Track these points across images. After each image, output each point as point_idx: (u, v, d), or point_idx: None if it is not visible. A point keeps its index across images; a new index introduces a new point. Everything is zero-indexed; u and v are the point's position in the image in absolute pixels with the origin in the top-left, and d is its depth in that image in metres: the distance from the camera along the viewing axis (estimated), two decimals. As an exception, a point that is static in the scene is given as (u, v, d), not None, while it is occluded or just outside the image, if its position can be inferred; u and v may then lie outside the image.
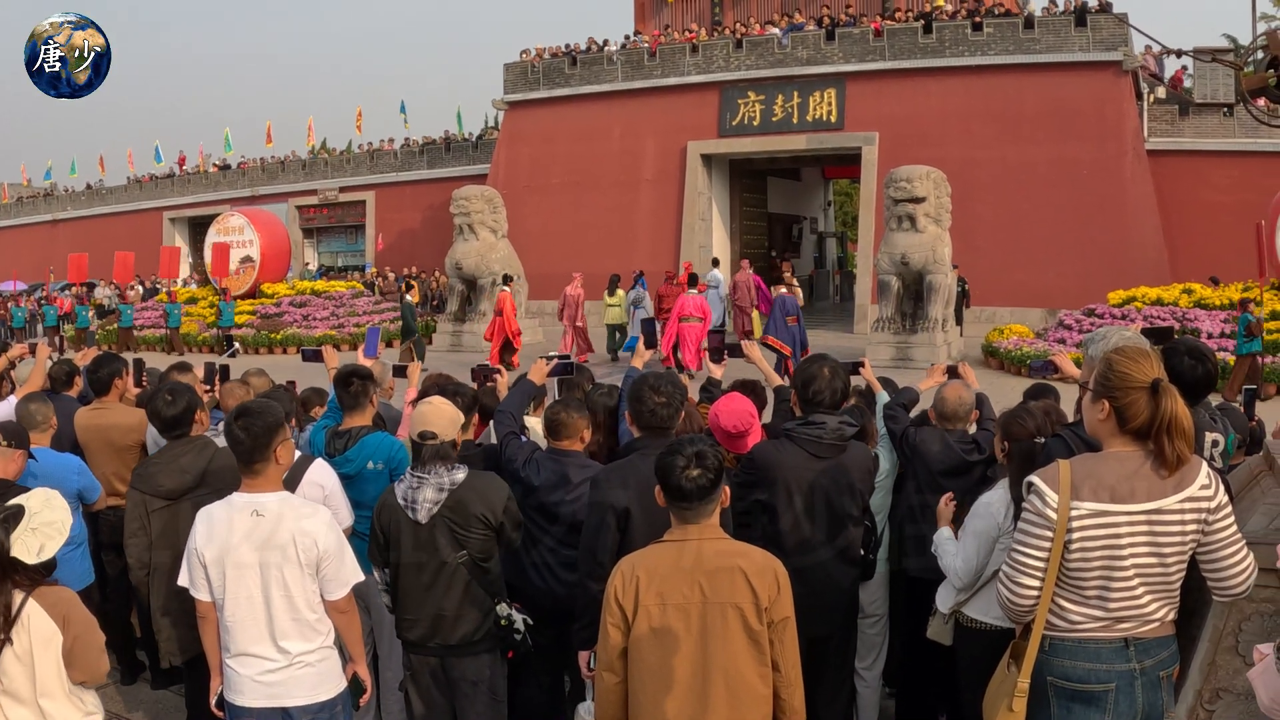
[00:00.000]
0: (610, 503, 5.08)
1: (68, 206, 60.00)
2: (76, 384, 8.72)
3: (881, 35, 35.13)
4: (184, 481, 5.79)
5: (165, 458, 5.91)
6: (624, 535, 5.02)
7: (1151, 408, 3.74)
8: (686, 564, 4.08)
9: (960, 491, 6.09)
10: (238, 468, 4.88)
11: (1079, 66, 32.44)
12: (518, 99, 40.76)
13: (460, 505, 5.24)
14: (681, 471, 4.08)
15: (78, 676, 4.29)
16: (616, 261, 32.98)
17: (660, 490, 4.20)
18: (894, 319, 25.45)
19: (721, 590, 4.05)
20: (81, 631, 4.29)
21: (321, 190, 50.17)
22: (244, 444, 4.75)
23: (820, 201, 50.39)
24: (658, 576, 4.08)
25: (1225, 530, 3.80)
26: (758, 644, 4.07)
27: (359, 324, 32.58)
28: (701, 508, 4.13)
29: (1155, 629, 3.87)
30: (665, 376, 5.52)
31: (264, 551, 4.71)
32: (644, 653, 4.08)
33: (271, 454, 4.80)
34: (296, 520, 4.72)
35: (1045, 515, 3.77)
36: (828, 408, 5.69)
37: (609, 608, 4.13)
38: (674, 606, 4.05)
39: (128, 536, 5.85)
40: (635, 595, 4.07)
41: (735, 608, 4.04)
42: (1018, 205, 32.17)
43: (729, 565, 4.08)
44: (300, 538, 4.68)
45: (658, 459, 4.22)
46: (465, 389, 6.89)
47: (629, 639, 4.11)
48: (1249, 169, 31.73)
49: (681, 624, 4.05)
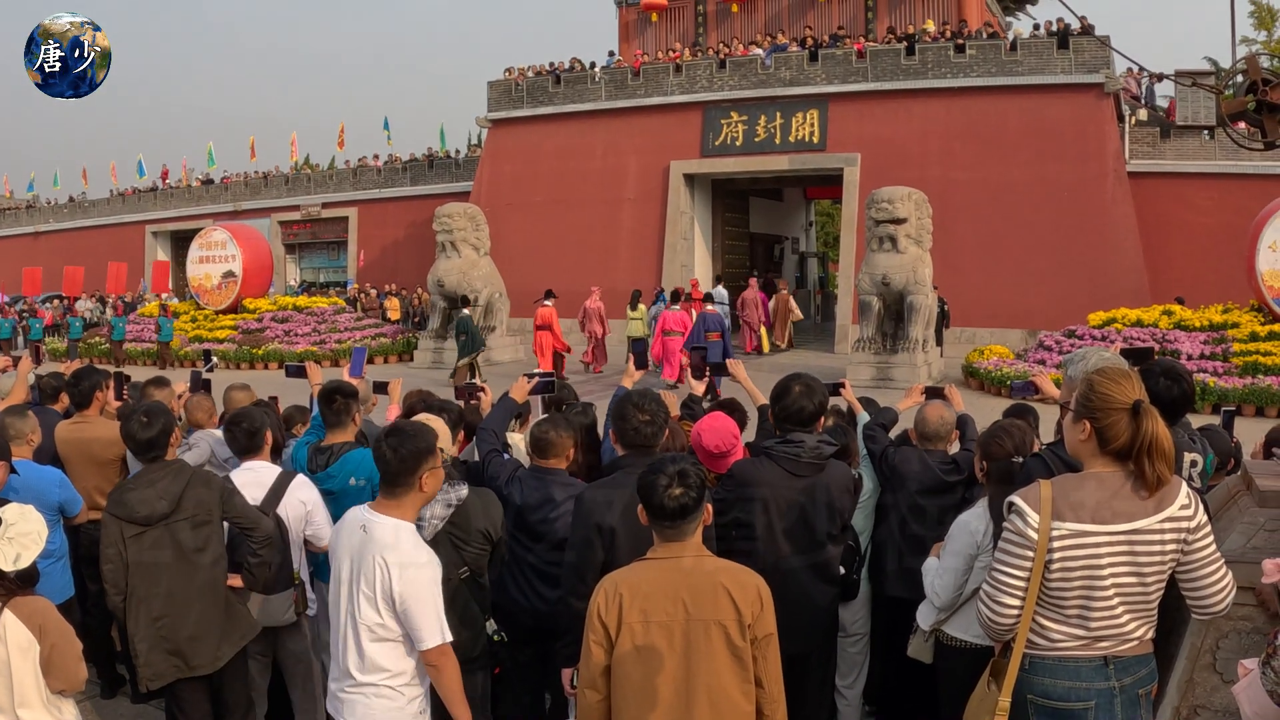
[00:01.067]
0: (596, 521, 5.08)
1: (50, 219, 59.79)
2: (62, 398, 8.71)
3: (864, 57, 35.25)
4: (159, 508, 5.70)
5: (140, 482, 5.79)
6: (609, 554, 5.01)
7: (1132, 429, 3.77)
8: (670, 581, 4.08)
9: (940, 511, 6.13)
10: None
11: (1061, 88, 32.59)
12: (501, 117, 40.79)
13: (464, 520, 5.25)
14: (664, 490, 4.07)
15: (56, 685, 4.29)
16: (598, 280, 33.01)
17: (643, 509, 4.20)
18: (875, 339, 25.51)
19: (705, 607, 4.05)
20: (58, 640, 4.30)
21: (304, 206, 50.10)
22: (390, 465, 4.60)
23: (802, 222, 50.45)
24: (641, 594, 4.08)
25: (1205, 550, 3.83)
26: (741, 660, 4.07)
27: (340, 340, 32.56)
28: (684, 526, 4.13)
29: (1134, 647, 3.90)
30: (649, 395, 5.54)
31: (354, 568, 4.61)
32: (627, 670, 4.07)
33: (417, 480, 4.63)
34: (391, 550, 4.52)
35: (1026, 535, 3.80)
36: (800, 424, 5.72)
37: (592, 625, 4.12)
38: (657, 624, 4.05)
39: (103, 561, 5.71)
40: (619, 613, 4.06)
41: (719, 625, 4.04)
42: (999, 226, 32.28)
43: (712, 582, 4.08)
44: (381, 568, 4.50)
45: (640, 478, 4.22)
46: (451, 405, 6.91)
47: (612, 656, 4.10)
48: (1230, 191, 31.89)
49: (665, 641, 4.04)
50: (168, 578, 5.71)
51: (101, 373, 8.20)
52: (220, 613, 5.87)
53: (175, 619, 5.72)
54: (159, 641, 5.71)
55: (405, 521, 4.63)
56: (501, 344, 31.40)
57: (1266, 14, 48.70)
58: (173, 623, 5.72)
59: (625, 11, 43.86)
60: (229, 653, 5.90)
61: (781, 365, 26.65)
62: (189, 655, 5.76)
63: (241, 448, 6.45)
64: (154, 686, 5.80)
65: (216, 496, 5.82)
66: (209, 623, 5.80)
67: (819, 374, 6.34)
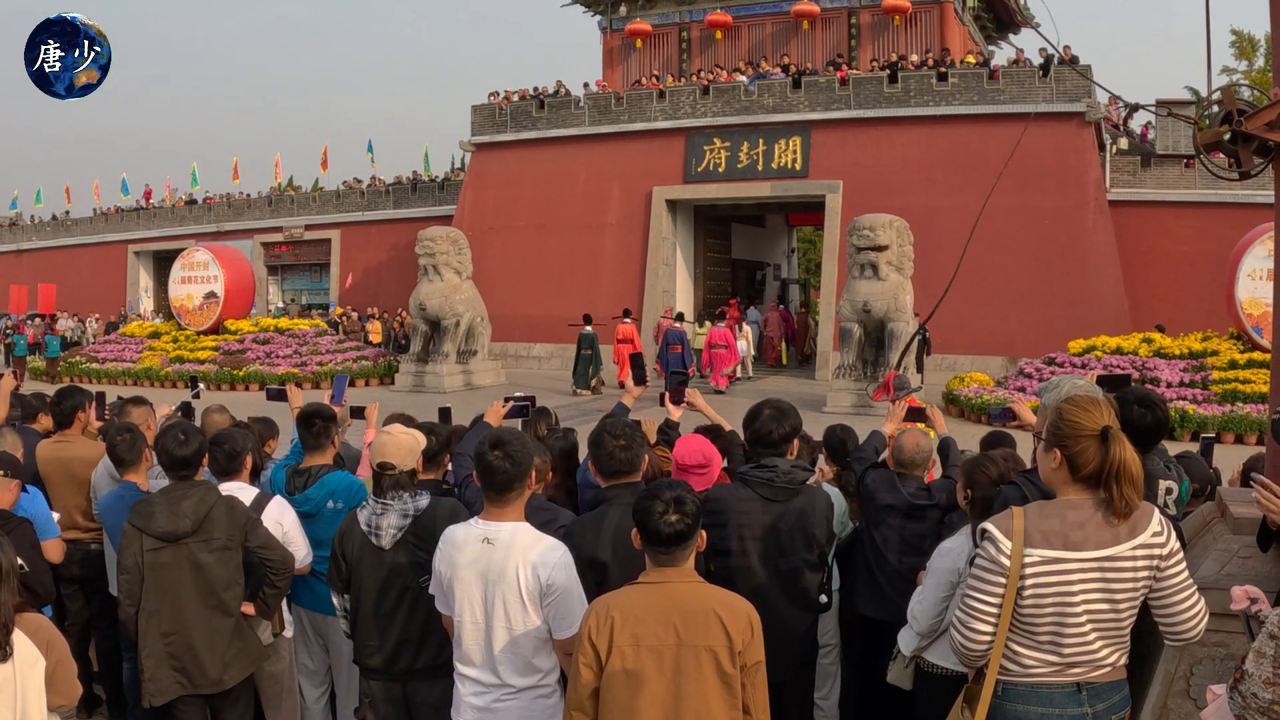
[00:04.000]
0: (587, 556, 5.14)
1: (33, 237, 59.54)
2: (42, 419, 8.72)
3: (847, 84, 35.33)
4: (181, 526, 5.73)
5: (167, 499, 5.82)
6: (601, 588, 4.98)
7: (1101, 455, 3.80)
8: (662, 606, 4.13)
9: (914, 536, 6.15)
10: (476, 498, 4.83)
11: (1042, 117, 32.72)
12: (485, 141, 40.78)
13: (424, 529, 5.27)
14: (660, 517, 4.13)
15: (56, 700, 4.32)
16: (580, 304, 33.11)
17: (637, 534, 4.24)
18: (855, 366, 25.58)
19: (696, 633, 4.09)
20: (61, 656, 4.37)
21: (287, 228, 49.95)
22: (506, 472, 4.68)
23: (784, 248, 50.48)
24: (633, 618, 4.11)
25: (1177, 576, 3.86)
26: (730, 687, 4.11)
27: (322, 363, 32.54)
28: (679, 553, 4.19)
29: (1107, 673, 3.92)
30: (623, 422, 5.62)
31: (488, 581, 4.65)
32: (615, 693, 4.10)
33: (526, 485, 4.79)
34: (524, 551, 4.64)
35: (998, 562, 3.82)
36: (770, 447, 5.74)
37: (582, 647, 4.15)
38: (648, 648, 4.09)
39: (120, 571, 5.80)
40: (610, 635, 4.10)
41: (709, 651, 4.09)
42: (980, 254, 32.26)
43: (704, 609, 4.13)
44: (524, 569, 4.59)
45: (636, 503, 4.27)
46: (440, 429, 6.93)
47: (601, 679, 4.14)
48: (1209, 220, 32.02)
49: (654, 665, 4.08)
50: (181, 596, 5.78)
51: (84, 393, 8.20)
52: (230, 636, 5.93)
53: (183, 637, 5.79)
54: (166, 658, 5.78)
55: (522, 522, 4.78)
56: (483, 368, 31.44)
57: (1247, 44, 49.13)
58: (181, 640, 5.79)
59: (610, 37, 43.92)
60: (236, 676, 5.97)
61: (760, 391, 26.71)
62: (194, 674, 5.82)
63: (221, 469, 6.45)
64: (157, 703, 5.84)
65: (240, 523, 5.90)
66: (217, 644, 5.86)
67: (798, 401, 6.37)
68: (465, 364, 31.09)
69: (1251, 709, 3.47)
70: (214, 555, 5.80)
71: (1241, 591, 4.00)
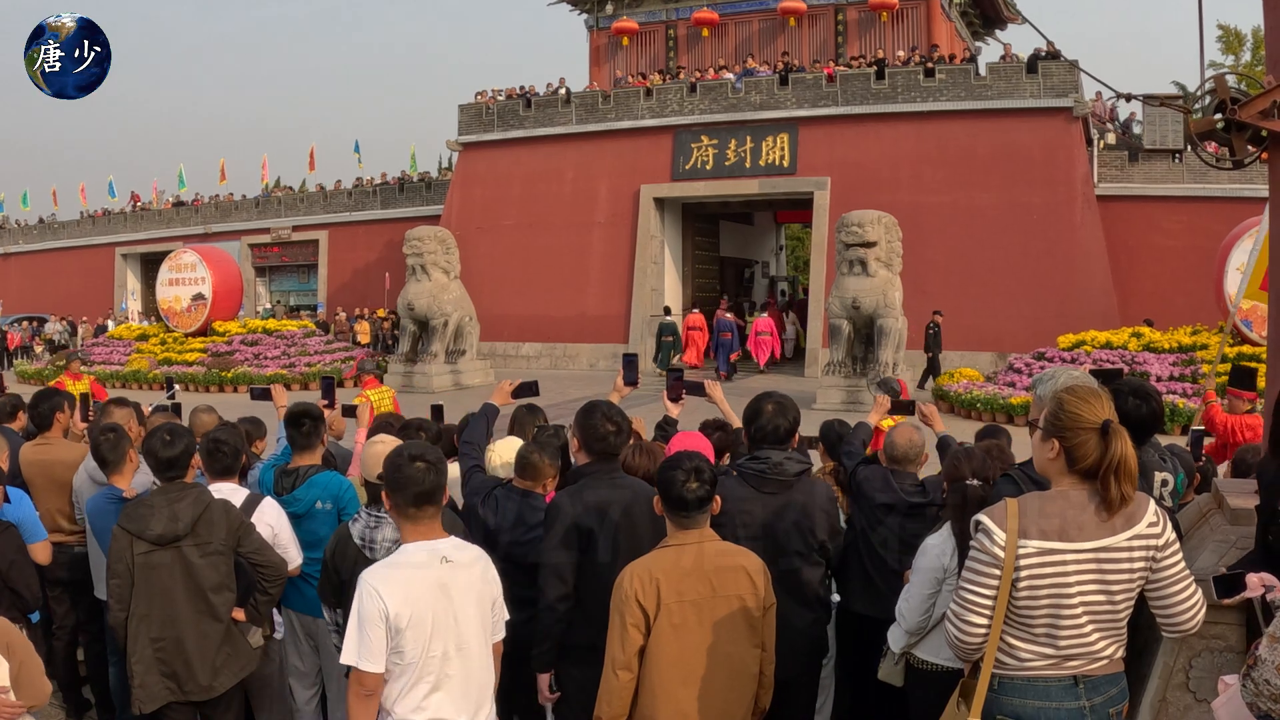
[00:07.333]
0: (575, 524, 5.34)
1: (19, 240, 59.36)
2: (20, 418, 8.67)
3: (834, 81, 35.34)
4: (174, 529, 5.65)
5: (159, 501, 5.74)
6: (585, 554, 5.31)
7: (1101, 448, 3.76)
8: (694, 564, 4.64)
9: (906, 533, 6.11)
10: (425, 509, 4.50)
11: (1030, 112, 32.72)
12: (472, 140, 40.74)
13: None
14: (683, 485, 4.62)
15: (26, 701, 4.26)
16: (569, 303, 33.14)
17: (660, 501, 4.75)
18: (845, 363, 25.61)
19: (729, 585, 4.67)
20: (25, 657, 4.31)
21: (274, 229, 49.88)
22: (428, 485, 4.39)
23: (772, 245, 50.57)
24: (675, 576, 4.60)
25: (1174, 567, 3.82)
26: (755, 629, 4.75)
27: (310, 363, 32.49)
28: (700, 516, 4.71)
29: (1104, 666, 3.88)
30: (615, 408, 5.78)
31: (456, 605, 4.39)
32: (664, 647, 4.58)
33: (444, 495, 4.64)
34: (485, 559, 4.58)
35: (992, 553, 3.78)
36: (775, 443, 5.74)
37: (629, 609, 4.55)
38: (689, 602, 4.60)
39: (110, 575, 5.72)
40: (657, 595, 4.55)
41: (739, 598, 4.69)
42: (968, 250, 32.36)
43: (733, 564, 4.72)
44: (487, 583, 4.54)
45: (659, 473, 4.78)
46: (429, 425, 6.90)
47: (649, 637, 4.58)
48: (1198, 214, 32.05)
49: (695, 617, 4.62)
50: (171, 600, 5.70)
51: (63, 394, 8.15)
52: (221, 642, 5.84)
53: (174, 642, 5.71)
54: (155, 664, 5.70)
55: (452, 535, 4.63)
56: (471, 367, 31.42)
57: (1234, 38, 49.24)
58: (171, 646, 5.71)
59: (596, 35, 43.94)
60: (226, 683, 5.88)
61: (753, 388, 26.67)
62: (184, 680, 5.74)
63: (223, 469, 6.36)
64: (147, 709, 5.76)
65: (234, 528, 5.83)
66: (207, 650, 5.78)
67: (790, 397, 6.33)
68: (454, 364, 31.11)
69: (1264, 696, 3.43)
70: (206, 559, 5.73)
71: (1256, 578, 3.98)
